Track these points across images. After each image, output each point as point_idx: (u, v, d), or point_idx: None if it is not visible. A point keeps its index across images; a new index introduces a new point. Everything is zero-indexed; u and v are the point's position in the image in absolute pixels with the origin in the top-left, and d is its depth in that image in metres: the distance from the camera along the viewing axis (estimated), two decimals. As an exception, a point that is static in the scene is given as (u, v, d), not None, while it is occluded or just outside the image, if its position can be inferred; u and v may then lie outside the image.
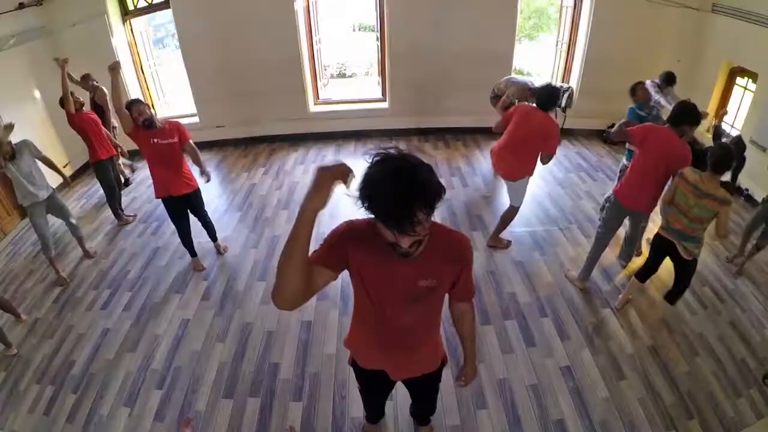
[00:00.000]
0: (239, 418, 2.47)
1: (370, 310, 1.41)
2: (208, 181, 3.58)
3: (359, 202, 1.04)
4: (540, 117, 3.11)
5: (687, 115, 2.66)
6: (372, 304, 1.38)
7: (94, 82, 4.57)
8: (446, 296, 1.45)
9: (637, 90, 3.74)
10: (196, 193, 3.49)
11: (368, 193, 1.02)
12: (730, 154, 2.43)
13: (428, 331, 1.53)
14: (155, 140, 3.17)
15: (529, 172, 3.25)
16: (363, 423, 2.34)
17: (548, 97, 3.12)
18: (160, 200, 3.45)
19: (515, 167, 3.25)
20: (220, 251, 3.88)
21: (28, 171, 3.45)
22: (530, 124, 3.12)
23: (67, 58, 4.05)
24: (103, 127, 4.29)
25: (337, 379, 2.65)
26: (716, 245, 3.82)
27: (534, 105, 3.25)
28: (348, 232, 1.30)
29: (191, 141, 3.39)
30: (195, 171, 3.47)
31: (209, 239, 3.85)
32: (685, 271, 2.77)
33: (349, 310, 1.50)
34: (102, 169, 4.25)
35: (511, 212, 3.61)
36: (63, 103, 4.01)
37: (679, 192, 2.57)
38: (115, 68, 3.06)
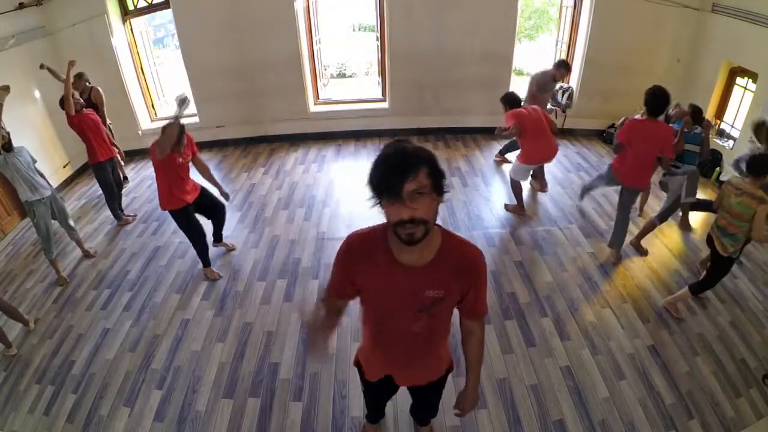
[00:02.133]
0: (239, 418, 2.47)
1: (378, 321, 1.43)
2: (228, 199, 3.55)
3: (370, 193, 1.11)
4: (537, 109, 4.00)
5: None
6: (380, 314, 1.39)
7: (87, 83, 4.53)
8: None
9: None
10: (202, 190, 3.45)
11: (369, 177, 1.09)
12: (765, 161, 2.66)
13: (437, 341, 1.50)
14: (180, 160, 3.11)
15: None
16: (363, 423, 2.34)
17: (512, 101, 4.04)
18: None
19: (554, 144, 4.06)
20: (229, 248, 3.89)
21: (28, 166, 3.43)
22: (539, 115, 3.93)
23: (74, 60, 4.01)
24: (103, 128, 4.25)
25: (337, 379, 2.65)
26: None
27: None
28: (349, 250, 1.31)
29: (199, 154, 3.37)
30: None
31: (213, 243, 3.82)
32: (716, 266, 2.88)
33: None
34: (101, 170, 4.23)
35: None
36: (63, 103, 4.00)
37: (725, 194, 2.81)
38: (186, 101, 2.92)
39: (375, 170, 1.08)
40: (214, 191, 3.54)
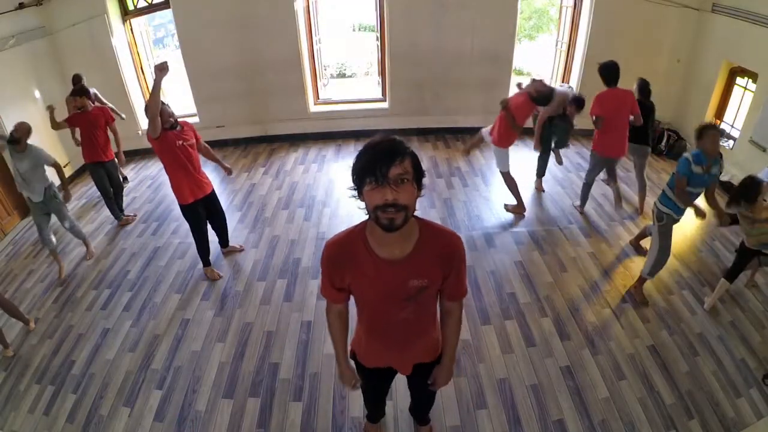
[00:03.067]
0: (239, 418, 2.47)
1: (368, 313, 1.49)
2: (230, 174, 3.64)
3: (353, 182, 1.20)
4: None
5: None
6: (370, 306, 1.45)
7: (91, 100, 4.33)
8: None
9: (706, 135, 2.74)
10: (213, 190, 3.45)
11: (355, 162, 1.17)
12: (751, 185, 2.72)
13: (426, 323, 1.55)
14: (180, 142, 3.09)
15: None
16: (363, 423, 2.34)
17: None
18: (161, 201, 3.46)
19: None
20: (237, 250, 3.89)
21: (24, 172, 3.46)
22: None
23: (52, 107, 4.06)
24: (100, 131, 4.13)
25: (337, 379, 2.65)
26: (716, 246, 3.82)
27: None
28: (329, 258, 1.35)
29: (202, 140, 3.38)
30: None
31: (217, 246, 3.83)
32: (740, 256, 3.00)
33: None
34: (92, 171, 4.25)
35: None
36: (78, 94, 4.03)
37: (741, 221, 2.87)
38: (164, 68, 2.78)
39: (362, 155, 1.15)
40: (216, 184, 3.58)
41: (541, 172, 4.72)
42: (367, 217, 1.23)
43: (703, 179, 2.80)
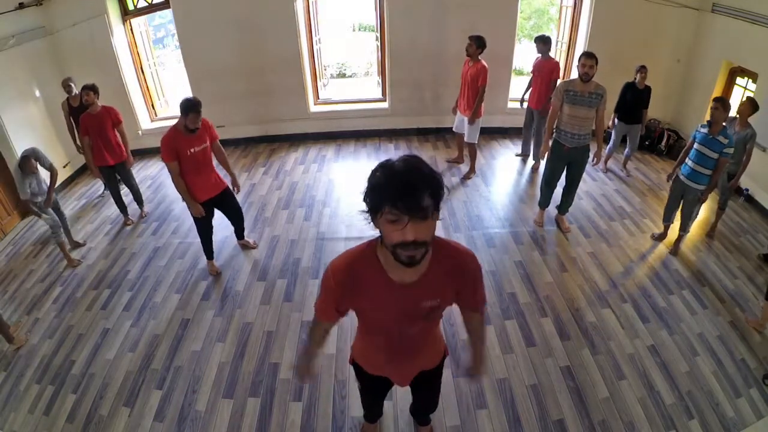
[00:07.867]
0: (239, 418, 2.47)
1: (375, 331, 1.46)
2: (238, 191, 3.55)
3: (366, 202, 1.07)
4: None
5: None
6: (377, 326, 1.42)
7: (71, 84, 4.38)
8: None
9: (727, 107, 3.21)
10: (226, 189, 3.44)
11: (374, 184, 1.03)
12: None
13: (431, 335, 1.54)
14: (192, 150, 3.08)
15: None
16: (362, 422, 2.34)
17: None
18: (161, 201, 3.47)
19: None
20: (250, 246, 3.91)
21: (41, 182, 3.60)
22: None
23: None
24: (111, 131, 4.09)
25: (337, 379, 2.65)
26: (717, 245, 3.82)
27: None
28: (336, 279, 1.27)
29: (218, 141, 3.36)
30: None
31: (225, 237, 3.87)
32: None
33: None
34: (107, 175, 4.27)
35: None
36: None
37: None
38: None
39: (383, 180, 1.01)
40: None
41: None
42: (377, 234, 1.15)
43: (702, 137, 3.27)
